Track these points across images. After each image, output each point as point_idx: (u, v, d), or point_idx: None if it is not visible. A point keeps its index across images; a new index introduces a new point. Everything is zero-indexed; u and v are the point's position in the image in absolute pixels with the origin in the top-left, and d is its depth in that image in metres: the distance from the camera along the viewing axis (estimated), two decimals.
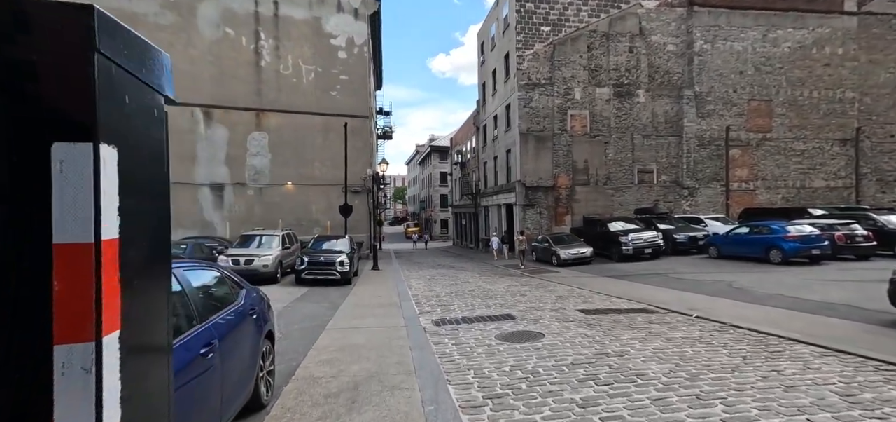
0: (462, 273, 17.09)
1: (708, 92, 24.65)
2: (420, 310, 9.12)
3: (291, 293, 11.61)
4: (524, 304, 9.52)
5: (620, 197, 24.27)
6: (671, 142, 24.69)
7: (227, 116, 22.64)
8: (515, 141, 24.04)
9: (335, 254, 13.68)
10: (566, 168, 23.81)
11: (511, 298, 10.48)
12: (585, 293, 10.88)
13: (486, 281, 14.22)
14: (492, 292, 11.46)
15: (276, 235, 14.86)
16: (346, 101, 24.15)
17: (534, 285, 12.89)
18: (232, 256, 13.06)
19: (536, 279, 14.55)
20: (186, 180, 21.93)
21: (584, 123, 23.96)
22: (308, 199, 23.84)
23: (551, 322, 7.48)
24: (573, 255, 18.20)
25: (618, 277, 13.72)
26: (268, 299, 4.52)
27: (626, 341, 5.98)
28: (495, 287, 12.57)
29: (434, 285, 13.40)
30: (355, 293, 11.68)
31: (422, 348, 5.86)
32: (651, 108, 24.49)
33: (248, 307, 3.68)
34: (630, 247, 17.58)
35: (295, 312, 9.01)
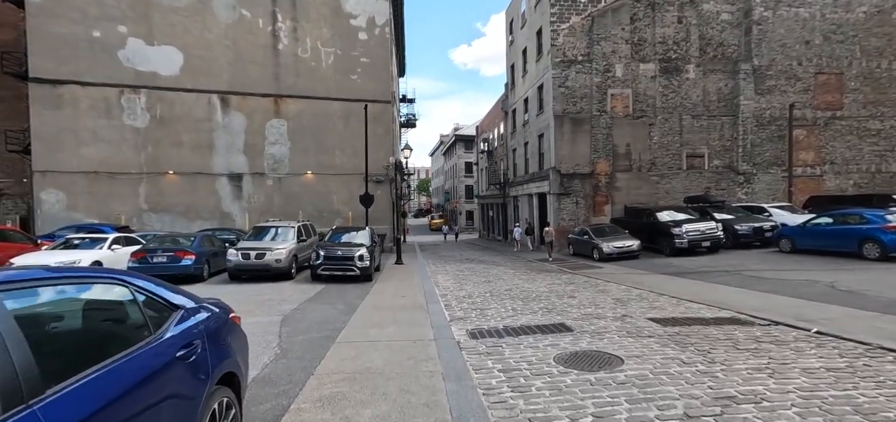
0: (493, 269, 15.47)
1: (768, 65, 21.95)
2: (451, 316, 7.59)
3: (304, 292, 10.31)
4: (577, 309, 7.84)
5: (666, 185, 22.00)
6: (724, 123, 22.16)
7: (245, 102, 21.68)
8: (549, 124, 22.10)
9: (354, 247, 12.32)
10: (606, 153, 21.71)
11: (558, 300, 8.81)
12: (647, 295, 9.08)
13: (522, 278, 12.56)
14: (533, 293, 9.81)
15: (291, 227, 13.64)
16: (366, 86, 22.80)
17: (579, 284, 11.16)
18: (242, 250, 11.90)
19: (580, 276, 12.79)
20: (204, 170, 21.17)
21: (625, 103, 21.75)
22: (328, 189, 22.73)
23: (622, 337, 5.80)
24: (618, 248, 16.27)
25: (677, 275, 11.79)
26: (229, 319, 3.05)
27: (747, 374, 4.24)
28: (535, 286, 10.91)
29: (464, 283, 11.86)
30: (376, 292, 10.27)
31: (459, 379, 4.30)
32: (702, 85, 22.01)
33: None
34: (685, 239, 15.51)
35: (303, 316, 7.65)
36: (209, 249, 12.65)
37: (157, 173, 20.62)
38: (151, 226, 20.37)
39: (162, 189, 20.68)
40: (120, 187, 20.16)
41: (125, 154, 20.21)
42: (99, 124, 19.85)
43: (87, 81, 19.63)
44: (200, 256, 11.84)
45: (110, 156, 20.01)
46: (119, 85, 20.03)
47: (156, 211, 20.63)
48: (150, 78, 20.37)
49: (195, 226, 20.31)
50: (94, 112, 19.78)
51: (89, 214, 19.53)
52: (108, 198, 20.01)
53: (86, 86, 19.62)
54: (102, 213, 19.71)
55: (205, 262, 12.07)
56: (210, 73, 21.14)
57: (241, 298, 9.55)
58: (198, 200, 21.10)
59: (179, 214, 20.84)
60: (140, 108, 20.33)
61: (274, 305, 8.69)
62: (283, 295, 9.91)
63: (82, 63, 19.59)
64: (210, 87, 21.16)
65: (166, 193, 20.73)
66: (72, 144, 19.58)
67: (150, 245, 11.72)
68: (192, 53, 20.82)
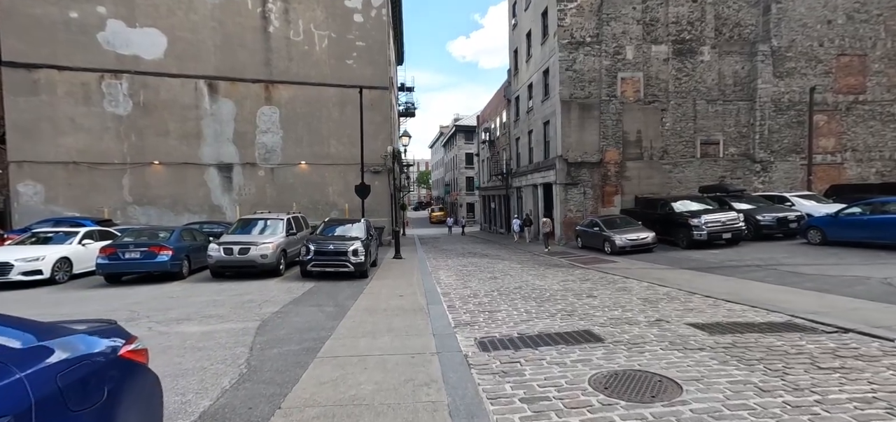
0: (498, 263, 14.43)
1: (787, 47, 20.75)
2: (456, 320, 6.55)
3: (291, 291, 9.26)
4: (601, 311, 6.79)
5: (679, 173, 20.90)
6: (741, 108, 21.01)
7: (234, 88, 20.52)
8: (555, 111, 20.95)
9: (348, 241, 11.26)
10: (615, 141, 20.59)
11: (576, 300, 7.76)
12: (676, 294, 8.03)
13: (531, 274, 11.51)
14: (546, 291, 8.76)
15: (280, 220, 12.58)
16: (363, 71, 21.62)
17: (596, 281, 10.11)
18: (224, 245, 10.83)
19: (594, 271, 11.74)
20: (192, 160, 20.06)
21: (636, 87, 20.59)
22: (324, 179, 21.64)
23: (665, 350, 4.75)
24: (631, 241, 15.21)
25: (702, 270, 10.74)
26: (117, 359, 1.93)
27: (856, 410, 3.19)
28: (547, 283, 9.86)
29: (468, 280, 10.81)
30: (371, 291, 9.23)
31: (472, 416, 3.25)
32: (717, 67, 20.83)
33: None
34: (704, 231, 14.44)
35: (285, 321, 6.60)
36: (189, 244, 11.59)
37: (142, 164, 19.51)
38: (136, 219, 19.32)
39: (147, 180, 19.58)
40: (102, 179, 19.06)
41: (107, 143, 19.08)
42: (78, 112, 18.70)
43: (65, 65, 18.46)
44: (178, 252, 10.78)
45: (91, 145, 18.89)
46: (99, 69, 18.86)
47: (141, 204, 19.54)
48: (132, 62, 19.20)
49: (183, 219, 19.27)
50: (72, 98, 18.63)
51: (70, 207, 18.46)
52: (90, 190, 18.92)
53: (63, 70, 18.45)
54: (84, 206, 18.63)
55: (184, 258, 11.01)
56: (196, 58, 19.96)
57: (220, 298, 8.52)
58: (185, 192, 20.01)
59: (166, 207, 19.77)
60: (122, 94, 19.17)
61: (253, 307, 7.64)
62: (266, 295, 8.86)
63: (59, 46, 18.41)
64: (197, 72, 19.99)
65: (152, 184, 19.64)
66: (50, 133, 18.46)
67: (122, 240, 10.65)
68: (176, 36, 19.63)
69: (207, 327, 6.25)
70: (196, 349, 5.19)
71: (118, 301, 8.42)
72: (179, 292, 9.25)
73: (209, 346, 5.32)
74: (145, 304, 8.08)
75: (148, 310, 7.51)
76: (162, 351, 5.11)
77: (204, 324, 6.45)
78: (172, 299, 8.46)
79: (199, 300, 8.33)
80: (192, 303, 8.08)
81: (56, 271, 10.43)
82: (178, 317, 6.93)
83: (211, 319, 6.79)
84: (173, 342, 5.51)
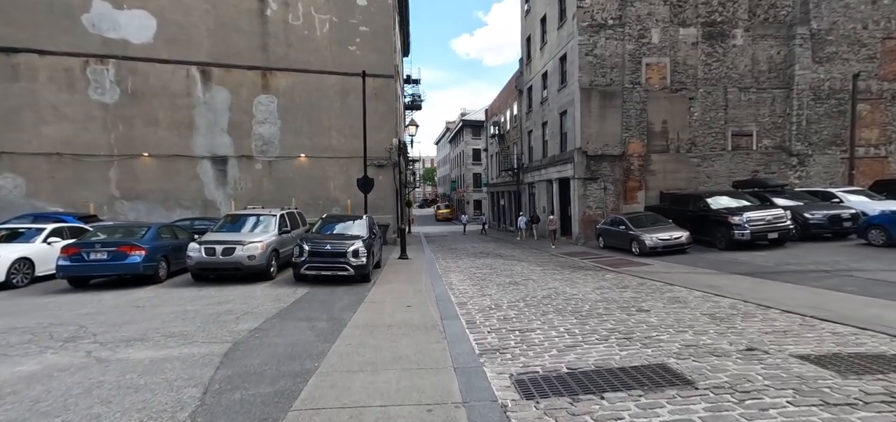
0: (516, 265, 12.97)
1: (828, 29, 19.05)
2: (480, 343, 5.11)
3: (279, 299, 7.87)
4: (664, 332, 5.31)
5: (708, 167, 19.29)
6: (776, 96, 19.35)
7: (229, 76, 19.16)
8: (574, 99, 19.41)
9: (347, 241, 9.85)
10: (639, 132, 19.02)
11: (624, 315, 6.29)
12: (744, 307, 6.54)
13: (556, 278, 10.04)
14: (582, 301, 7.30)
15: (272, 216, 11.20)
16: (367, 58, 20.14)
17: (635, 287, 8.63)
18: (206, 245, 9.44)
19: (628, 276, 10.25)
20: (183, 152, 18.73)
21: (663, 73, 18.99)
22: (324, 174, 20.25)
23: (796, 405, 3.28)
24: (663, 241, 13.68)
25: (757, 276, 9.21)
26: None
27: None
28: (580, 290, 8.40)
29: (485, 285, 9.37)
30: (373, 300, 7.81)
31: None
32: (751, 52, 19.18)
33: None
34: (747, 231, 12.88)
35: (262, 343, 5.19)
36: (168, 243, 10.23)
37: (130, 156, 18.21)
38: (124, 215, 18.05)
39: (136, 173, 18.29)
40: (87, 171, 17.78)
41: (92, 133, 17.79)
42: (61, 99, 17.42)
43: (47, 50, 17.16)
44: (154, 252, 9.42)
45: (75, 135, 17.61)
46: (83, 54, 17.54)
47: (129, 198, 18.26)
48: (119, 46, 17.88)
49: (174, 215, 17.97)
50: (54, 85, 17.35)
51: (53, 202, 17.22)
52: (75, 183, 17.65)
53: (45, 55, 17.16)
54: (68, 200, 17.37)
55: (160, 259, 9.66)
56: (188, 42, 18.60)
57: (193, 307, 7.13)
58: (177, 187, 18.71)
59: (156, 202, 18.47)
60: (108, 80, 17.86)
61: (230, 321, 6.25)
62: (250, 303, 7.48)
63: (41, 28, 17.13)
64: (188, 57, 18.64)
65: (141, 178, 18.34)
66: (31, 122, 17.20)
67: (87, 239, 9.29)
68: (167, 19, 18.28)
69: (162, 352, 4.86)
70: (132, 390, 3.79)
71: (71, 311, 7.07)
72: (148, 300, 7.89)
73: (152, 384, 3.92)
74: (102, 315, 6.71)
75: (100, 325, 6.13)
76: (85, 392, 3.73)
77: (159, 347, 5.06)
78: (137, 310, 7.09)
79: (168, 311, 6.95)
80: (157, 315, 6.71)
81: (13, 274, 9.12)
82: (132, 336, 5.55)
83: (172, 339, 5.40)
84: (108, 377, 4.12)
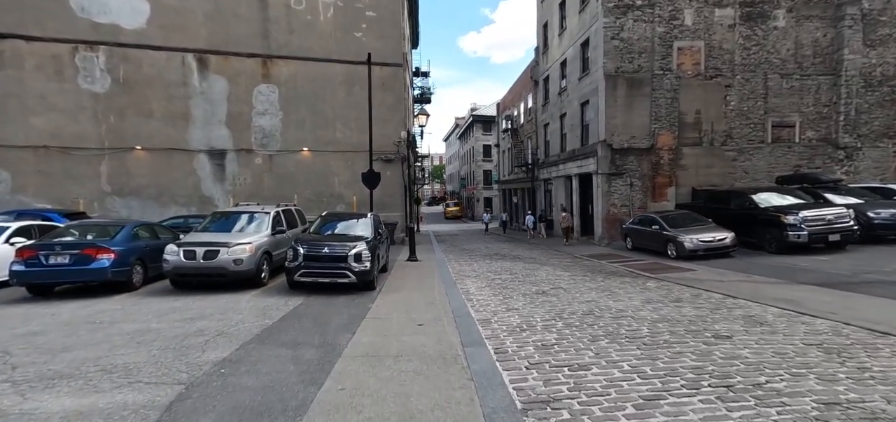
0: (538, 270, 11.54)
1: (881, 9, 17.26)
2: (520, 389, 3.72)
3: (266, 313, 6.56)
4: (777, 376, 3.86)
5: (745, 162, 17.63)
6: (822, 84, 17.61)
7: (227, 64, 17.97)
8: (597, 87, 17.86)
9: (349, 243, 8.52)
10: (669, 123, 17.42)
11: (700, 343, 4.84)
12: (849, 331, 5.06)
13: (590, 286, 8.60)
14: (636, 321, 5.86)
15: (266, 214, 9.92)
16: (373, 45, 18.76)
17: (689, 300, 7.17)
18: (185, 247, 8.16)
19: (674, 284, 8.77)
20: (179, 146, 17.61)
21: (696, 58, 17.36)
22: (329, 168, 19.01)
23: None
24: (705, 244, 12.14)
25: (835, 286, 7.68)
26: None
27: None
28: (624, 304, 6.97)
29: (508, 295, 7.97)
30: (377, 315, 6.47)
31: None
32: (794, 35, 17.45)
33: None
34: (804, 231, 11.30)
35: (224, 387, 3.85)
36: (145, 244, 9.00)
37: (122, 149, 17.12)
38: (116, 212, 16.99)
39: (128, 168, 17.19)
40: (77, 165, 16.73)
41: (82, 125, 16.73)
42: (49, 88, 16.37)
43: (33, 36, 16.12)
44: (126, 255, 8.18)
45: (64, 127, 16.56)
46: (72, 40, 16.47)
47: (121, 194, 17.18)
48: (110, 32, 16.77)
49: (169, 212, 16.87)
50: (42, 73, 16.30)
51: (40, 198, 16.19)
52: (64, 178, 16.62)
53: (31, 41, 16.11)
54: (57, 196, 16.34)
55: (135, 263, 8.42)
56: (184, 28, 17.45)
57: (158, 326, 5.85)
58: (172, 182, 17.59)
59: (150, 198, 17.37)
60: (99, 68, 16.77)
61: (193, 348, 4.94)
62: (229, 319, 6.18)
63: (27, 13, 16.09)
64: (184, 44, 17.48)
65: (134, 172, 17.25)
66: (17, 113, 16.18)
67: (48, 240, 8.07)
68: (161, 3, 17.13)
69: (85, 400, 3.55)
70: None
71: (7, 329, 5.82)
72: (110, 315, 6.63)
73: None
74: (42, 336, 5.45)
75: (32, 351, 4.87)
76: None
77: (86, 390, 3.76)
78: (89, 328, 5.83)
79: (126, 330, 5.68)
80: (111, 336, 5.43)
81: None
82: (63, 369, 4.26)
83: (110, 375, 4.10)
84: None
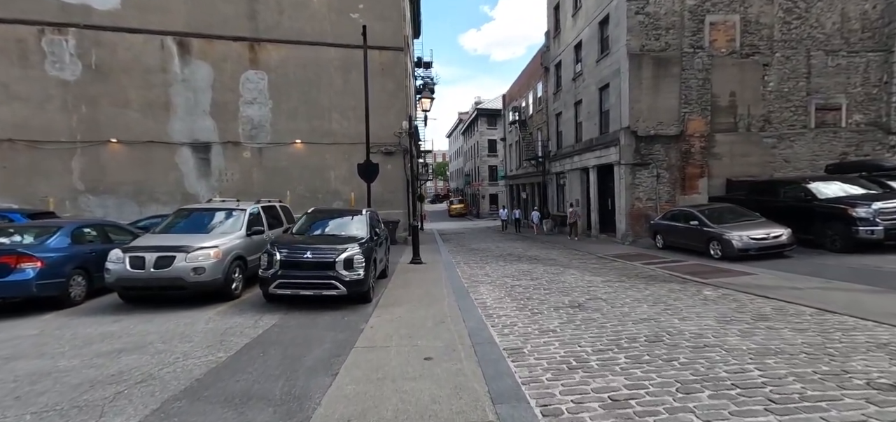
0: (564, 274, 9.86)
1: None
2: None
3: (224, 341, 4.93)
4: None
5: (786, 149, 15.86)
6: (871, 61, 15.80)
7: (211, 48, 16.36)
8: (619, 68, 16.12)
9: (338, 246, 6.87)
10: (701, 107, 15.67)
11: (858, 395, 3.15)
12: None
13: (635, 296, 6.91)
14: (731, 355, 4.18)
15: (241, 211, 8.30)
16: (371, 27, 16.97)
17: (777, 317, 5.48)
18: (132, 253, 6.54)
19: (731, 291, 7.09)
20: (159, 138, 16.03)
21: (730, 34, 15.59)
22: (324, 162, 17.40)
23: None
24: (758, 242, 10.42)
25: None
26: None
27: None
28: (694, 322, 5.28)
29: (538, 310, 6.30)
30: (371, 343, 4.82)
31: None
32: (840, 7, 15.64)
33: None
34: (878, 227, 9.58)
35: None
36: (90, 250, 7.39)
37: (96, 142, 15.55)
38: (90, 211, 15.43)
39: (103, 163, 15.63)
40: (46, 160, 15.19)
41: (51, 116, 15.17)
42: (12, 75, 14.81)
43: None
44: (59, 265, 6.58)
45: (30, 118, 15.00)
46: (38, 22, 14.90)
47: (95, 192, 15.62)
48: (80, 13, 15.19)
49: (149, 210, 15.30)
50: (5, 59, 14.73)
51: (4, 196, 14.65)
52: (32, 174, 15.08)
53: None
54: (24, 194, 14.81)
55: (73, 273, 6.82)
56: (163, 8, 15.84)
57: (65, 365, 4.19)
58: (152, 178, 16.01)
59: (127, 196, 15.81)
60: (68, 53, 15.19)
61: (94, 407, 3.31)
62: (167, 354, 4.56)
63: None
64: (163, 26, 15.88)
65: (109, 168, 15.69)
66: None
67: None
68: None
69: None
70: None
71: None
72: (15, 344, 5.01)
73: None
74: None
75: None
76: None
77: None
78: None
79: (21, 370, 4.07)
80: None
81: None
82: None
83: None
84: None
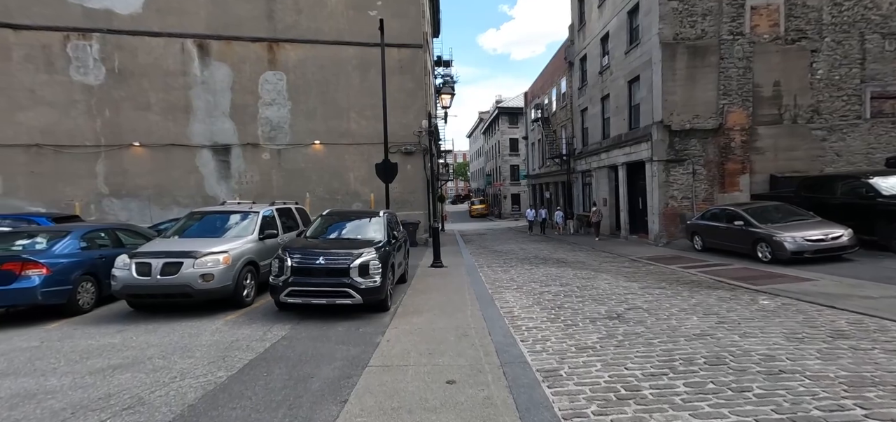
0: (596, 279, 9.12)
1: None
2: None
3: (227, 356, 4.49)
4: None
5: (837, 142, 14.58)
6: None
7: (230, 49, 16.27)
8: (650, 59, 15.18)
9: (354, 251, 6.37)
10: (741, 97, 14.58)
11: None
12: None
13: (681, 307, 6.15)
14: (803, 377, 3.43)
15: (254, 214, 7.93)
16: (390, 24, 16.61)
17: (854, 332, 4.66)
18: (139, 259, 6.21)
19: (793, 300, 6.25)
20: (179, 141, 16.02)
21: (773, 19, 14.44)
22: (343, 163, 17.08)
23: None
24: (814, 243, 9.43)
25: None
26: None
27: None
28: (757, 338, 4.53)
29: (572, 321, 5.63)
30: (386, 361, 4.28)
31: None
32: None
33: None
34: None
35: None
36: (100, 255, 7.14)
37: (119, 146, 15.66)
38: (114, 214, 15.55)
39: (125, 166, 15.73)
40: (71, 165, 15.37)
41: (76, 120, 15.35)
42: (39, 81, 15.05)
43: (21, 24, 14.81)
44: (66, 272, 6.32)
45: (56, 123, 15.21)
46: (63, 28, 15.09)
47: (119, 195, 15.73)
48: (103, 18, 15.32)
49: (171, 214, 15.30)
50: (31, 65, 14.99)
51: (33, 201, 14.90)
52: (57, 179, 15.29)
53: (19, 29, 14.81)
54: (50, 198, 15.03)
55: (81, 280, 6.56)
56: (182, 11, 15.84)
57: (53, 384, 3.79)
58: (173, 180, 16.02)
59: (149, 199, 15.86)
60: (92, 58, 15.34)
61: None
62: (166, 373, 4.13)
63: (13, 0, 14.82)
64: (183, 29, 15.87)
65: (131, 171, 15.77)
66: (5, 108, 14.91)
67: None
68: None
69: None
70: None
71: None
72: (10, 357, 4.70)
73: None
74: None
75: None
76: None
77: None
78: None
79: (6, 390, 3.69)
80: None
81: None
82: None
83: None
84: None
